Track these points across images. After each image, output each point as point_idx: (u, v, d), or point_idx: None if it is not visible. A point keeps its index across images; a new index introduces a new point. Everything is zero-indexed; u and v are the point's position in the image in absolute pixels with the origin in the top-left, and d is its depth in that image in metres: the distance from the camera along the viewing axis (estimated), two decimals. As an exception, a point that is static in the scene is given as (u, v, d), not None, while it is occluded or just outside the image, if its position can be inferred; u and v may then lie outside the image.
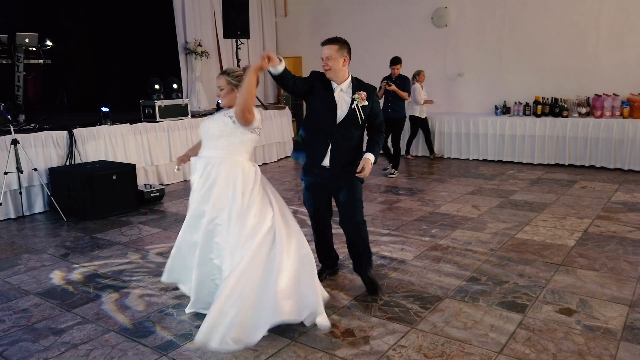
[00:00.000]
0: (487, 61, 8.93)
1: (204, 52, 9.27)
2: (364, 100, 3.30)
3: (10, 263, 4.32)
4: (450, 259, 4.13)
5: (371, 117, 3.39)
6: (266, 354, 2.78)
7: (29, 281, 3.91)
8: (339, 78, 3.31)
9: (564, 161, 7.90)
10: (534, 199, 5.94)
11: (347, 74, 3.34)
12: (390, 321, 3.10)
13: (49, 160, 5.99)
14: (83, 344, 2.94)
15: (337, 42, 3.26)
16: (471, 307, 3.27)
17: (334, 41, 3.27)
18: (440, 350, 2.78)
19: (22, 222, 5.62)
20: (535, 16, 8.38)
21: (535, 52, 8.44)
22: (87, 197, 5.54)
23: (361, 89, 3.33)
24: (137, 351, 2.85)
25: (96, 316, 3.29)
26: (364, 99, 3.30)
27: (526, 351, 2.74)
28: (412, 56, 9.63)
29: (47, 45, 8.51)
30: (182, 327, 3.10)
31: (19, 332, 3.11)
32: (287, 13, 11.16)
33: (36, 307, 3.45)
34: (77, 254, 4.50)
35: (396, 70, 7.32)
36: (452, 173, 7.68)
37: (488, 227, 4.93)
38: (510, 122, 8.26)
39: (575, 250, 4.24)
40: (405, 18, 9.62)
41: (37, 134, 5.95)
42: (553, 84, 8.31)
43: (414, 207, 5.75)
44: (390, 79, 7.34)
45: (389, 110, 7.32)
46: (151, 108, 7.32)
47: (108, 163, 6.19)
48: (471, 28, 9.01)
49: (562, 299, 3.35)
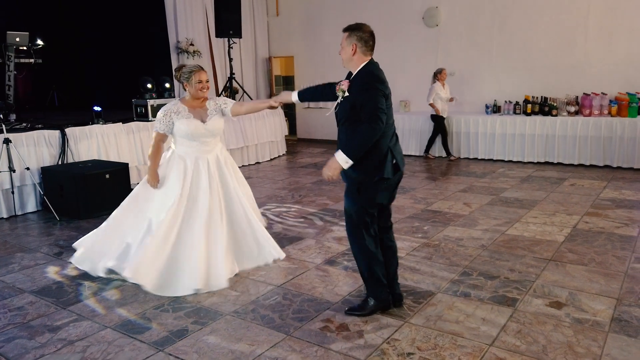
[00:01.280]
0: (477, 60, 9.02)
1: (196, 51, 9.28)
2: (343, 90, 2.97)
3: (4, 262, 4.32)
4: (442, 255, 4.19)
5: (355, 110, 2.90)
6: (262, 348, 2.82)
7: (23, 280, 3.91)
8: (352, 69, 3.01)
9: (554, 159, 8.01)
10: (524, 196, 6.02)
11: (361, 63, 2.97)
12: (384, 315, 3.15)
13: (41, 160, 5.97)
14: (79, 341, 2.96)
15: (346, 30, 3.01)
16: (463, 301, 3.33)
17: (345, 29, 3.02)
18: (433, 343, 2.83)
19: (14, 221, 5.60)
20: (524, 15, 8.49)
21: (525, 51, 8.55)
22: (80, 196, 5.54)
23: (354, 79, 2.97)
24: (134, 347, 2.87)
25: (92, 313, 3.31)
26: (343, 89, 2.97)
27: (517, 343, 2.80)
28: (403, 55, 9.72)
29: (38, 44, 8.46)
30: (178, 323, 3.13)
31: (14, 330, 3.11)
32: (279, 12, 11.18)
33: (31, 305, 3.46)
34: (71, 253, 4.47)
35: None
36: (444, 171, 7.76)
37: (479, 223, 5.00)
38: (500, 120, 8.35)
39: (564, 246, 4.32)
40: (396, 17, 9.69)
41: (29, 133, 5.93)
42: (543, 83, 8.42)
43: (406, 204, 5.81)
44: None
45: None
46: (143, 107, 7.32)
47: (101, 162, 6.18)
48: (462, 27, 9.10)
49: (551, 292, 3.42)
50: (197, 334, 3.00)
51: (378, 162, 2.93)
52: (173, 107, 3.69)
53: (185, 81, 3.69)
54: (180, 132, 3.68)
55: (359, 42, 2.96)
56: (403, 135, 9.39)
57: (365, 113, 2.85)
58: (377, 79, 2.91)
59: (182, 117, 3.66)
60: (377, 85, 2.88)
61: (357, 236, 3.09)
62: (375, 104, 2.84)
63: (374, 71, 2.95)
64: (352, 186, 3.04)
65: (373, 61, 3.02)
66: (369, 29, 3.01)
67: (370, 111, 2.84)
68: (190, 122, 3.66)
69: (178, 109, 3.68)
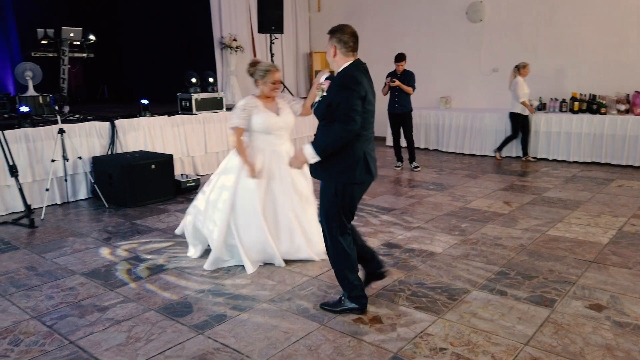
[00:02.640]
0: (522, 56, 8.76)
1: (238, 46, 9.46)
2: (323, 89, 3.02)
3: (57, 245, 4.59)
4: (479, 253, 4.15)
5: (330, 109, 2.90)
6: (296, 336, 2.90)
7: (74, 262, 4.16)
8: (335, 70, 3.03)
9: (601, 159, 7.72)
10: (568, 197, 5.86)
11: (343, 64, 2.97)
12: (417, 310, 3.17)
13: (92, 150, 6.28)
14: (125, 321, 3.13)
15: (329, 32, 3.01)
16: (499, 300, 3.30)
17: (328, 31, 3.02)
18: (466, 339, 2.84)
19: (67, 207, 5.92)
20: (573, 10, 8.21)
21: (573, 47, 8.26)
22: (127, 185, 5.79)
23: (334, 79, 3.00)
24: (175, 329, 3.02)
25: (137, 296, 3.48)
26: (323, 89, 3.02)
27: (553, 343, 2.77)
28: (444, 51, 9.59)
29: (90, 39, 8.86)
30: (217, 309, 3.25)
31: (66, 308, 3.32)
32: (321, 8, 11.24)
33: (82, 286, 3.67)
34: (119, 238, 4.73)
35: (400, 67, 7.37)
36: (484, 169, 7.63)
37: (519, 223, 4.92)
38: (545, 118, 8.12)
39: (608, 248, 4.19)
40: (439, 13, 9.56)
41: (82, 124, 6.24)
42: (591, 80, 8.12)
43: (444, 201, 5.76)
44: (394, 75, 7.39)
45: (395, 105, 7.48)
46: (188, 101, 7.56)
47: (147, 153, 6.44)
48: (507, 22, 8.88)
49: (592, 295, 3.35)
50: (235, 319, 3.11)
51: (351, 164, 2.93)
52: (251, 102, 3.83)
53: (260, 79, 3.81)
54: (258, 126, 3.82)
55: (338, 44, 2.95)
56: (442, 132, 9.30)
57: (338, 113, 2.83)
58: (353, 80, 2.88)
59: (260, 111, 3.81)
60: (352, 86, 2.85)
61: (333, 237, 3.07)
62: (349, 105, 2.81)
63: (352, 72, 2.93)
64: (327, 187, 3.03)
65: (357, 62, 2.99)
66: (350, 30, 2.98)
67: (344, 111, 2.82)
68: (267, 116, 3.82)
69: (255, 103, 3.83)
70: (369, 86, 2.96)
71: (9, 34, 10.61)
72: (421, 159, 8.53)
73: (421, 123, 9.50)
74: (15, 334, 3.00)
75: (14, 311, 3.29)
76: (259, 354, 2.73)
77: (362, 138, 2.93)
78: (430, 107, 9.71)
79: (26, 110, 5.97)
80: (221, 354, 2.75)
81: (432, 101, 9.78)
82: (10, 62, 10.36)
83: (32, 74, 7.50)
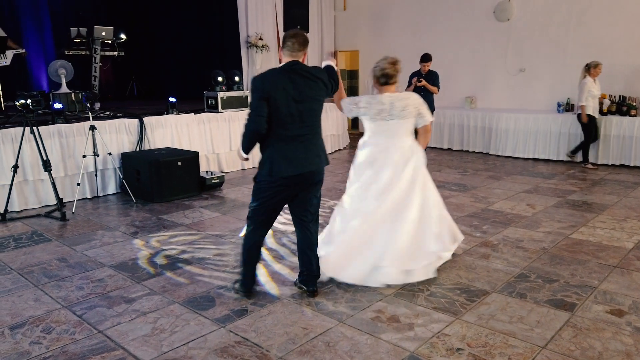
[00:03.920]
0: (550, 57, 8.66)
1: (264, 45, 9.57)
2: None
3: (87, 238, 4.77)
4: (500, 255, 4.14)
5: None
6: (315, 332, 2.97)
7: (103, 255, 4.31)
8: None
9: (630, 162, 7.56)
10: (594, 200, 5.77)
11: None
12: (435, 310, 3.20)
13: (121, 146, 6.48)
14: (151, 313, 3.25)
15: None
16: (518, 302, 3.30)
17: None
18: (483, 341, 2.85)
19: (96, 201, 6.13)
20: (603, 10, 8.03)
21: (603, 47, 8.08)
22: (154, 181, 5.96)
23: None
24: (199, 322, 3.12)
25: (162, 289, 3.61)
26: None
27: (571, 347, 2.76)
28: (471, 51, 9.50)
29: (121, 38, 9.11)
30: (239, 304, 3.34)
31: (95, 299, 3.47)
32: (347, 7, 11.26)
33: (110, 278, 3.82)
34: (146, 233, 4.89)
35: (426, 67, 7.45)
36: (509, 170, 7.55)
37: (542, 226, 4.87)
38: (573, 120, 7.98)
39: (633, 253, 4.13)
40: (465, 12, 9.48)
41: (112, 121, 6.44)
42: (622, 81, 7.95)
43: (466, 202, 5.75)
44: (420, 75, 7.42)
45: None
46: (214, 99, 7.70)
47: (174, 150, 6.60)
48: (535, 22, 8.75)
49: (614, 300, 3.31)
50: (256, 314, 3.20)
51: (263, 161, 3.13)
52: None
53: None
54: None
55: (282, 45, 3.15)
56: (468, 132, 9.23)
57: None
58: (256, 81, 3.03)
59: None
60: (254, 89, 3.03)
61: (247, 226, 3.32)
62: (251, 106, 3.05)
63: (264, 74, 3.09)
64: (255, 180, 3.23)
65: (287, 64, 3.11)
66: (293, 32, 3.17)
67: (249, 112, 3.06)
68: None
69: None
70: (291, 87, 3.02)
71: (44, 33, 10.97)
72: (444, 159, 8.49)
73: (445, 123, 9.45)
74: (47, 322, 3.15)
75: (46, 300, 3.45)
76: (278, 349, 2.80)
77: (275, 136, 3.06)
78: (455, 107, 9.64)
79: (59, 107, 6.20)
80: (242, 347, 2.83)
81: (457, 101, 9.71)
82: (45, 60, 10.71)
83: (64, 72, 7.76)
